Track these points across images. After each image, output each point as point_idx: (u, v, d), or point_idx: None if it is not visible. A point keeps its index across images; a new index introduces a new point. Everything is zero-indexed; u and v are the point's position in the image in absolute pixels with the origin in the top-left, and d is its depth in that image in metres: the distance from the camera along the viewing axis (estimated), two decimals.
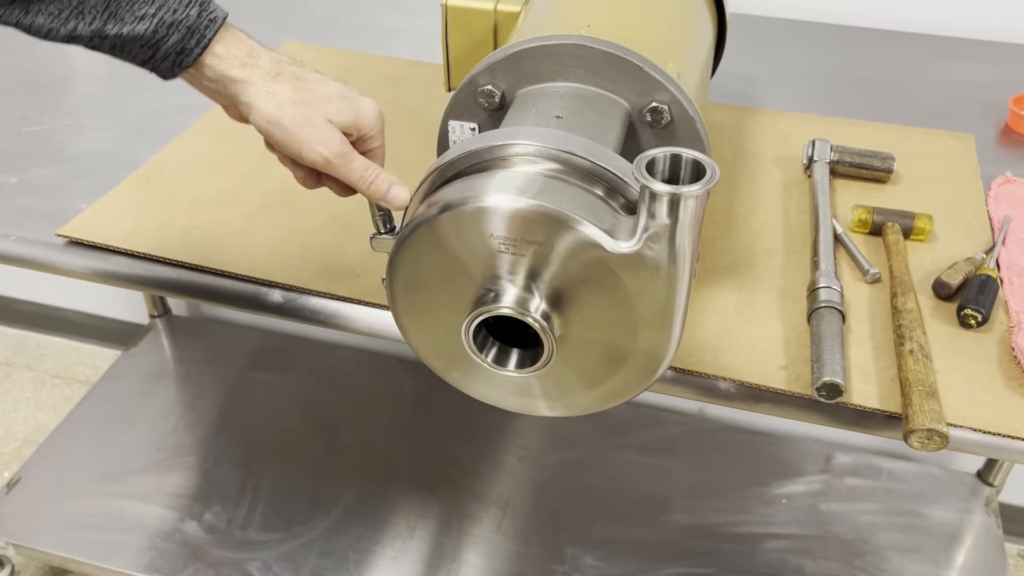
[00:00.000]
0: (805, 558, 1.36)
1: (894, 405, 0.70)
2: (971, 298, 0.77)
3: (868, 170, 0.95)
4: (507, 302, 0.59)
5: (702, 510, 1.44)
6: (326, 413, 1.61)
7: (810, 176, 0.95)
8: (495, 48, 0.82)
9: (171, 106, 1.06)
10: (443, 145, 0.77)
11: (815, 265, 0.82)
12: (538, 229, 0.57)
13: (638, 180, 0.52)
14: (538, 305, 0.59)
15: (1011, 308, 0.78)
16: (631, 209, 0.59)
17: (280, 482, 1.48)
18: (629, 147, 0.71)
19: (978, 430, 0.68)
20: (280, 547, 1.38)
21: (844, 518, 1.42)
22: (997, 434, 0.68)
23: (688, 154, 0.54)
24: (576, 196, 0.57)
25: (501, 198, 0.57)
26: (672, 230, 0.53)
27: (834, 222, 0.87)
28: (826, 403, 0.70)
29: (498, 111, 0.73)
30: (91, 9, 0.60)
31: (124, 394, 1.65)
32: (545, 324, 0.59)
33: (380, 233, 0.70)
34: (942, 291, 0.80)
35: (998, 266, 0.83)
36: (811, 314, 0.76)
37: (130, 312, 1.94)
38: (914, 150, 1.00)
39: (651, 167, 0.53)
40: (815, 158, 0.95)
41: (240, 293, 0.82)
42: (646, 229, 0.54)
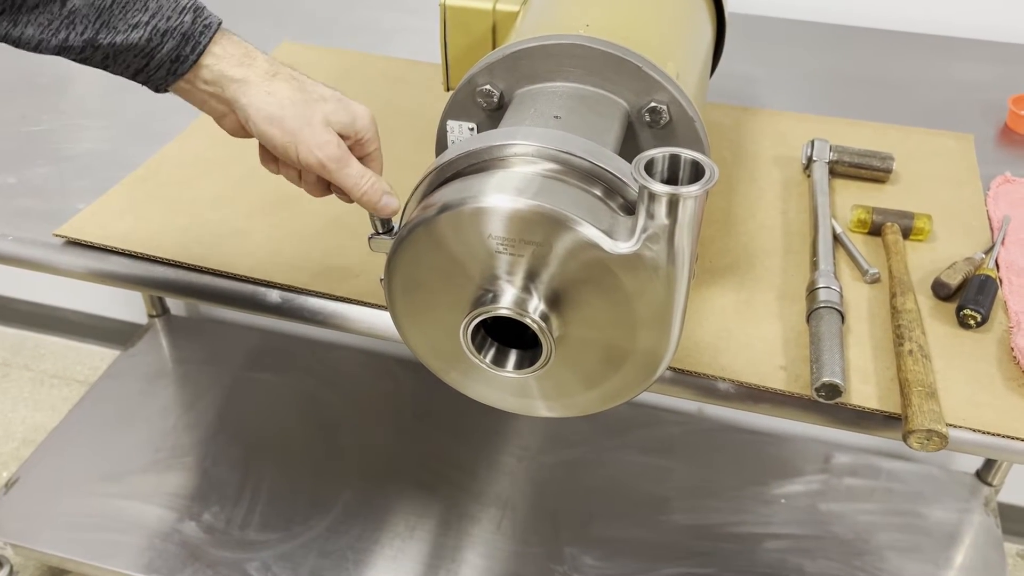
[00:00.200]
0: (804, 558, 1.36)
1: (893, 405, 0.69)
2: (970, 298, 0.77)
3: (867, 170, 0.95)
4: (505, 303, 0.59)
5: (701, 510, 1.43)
6: (325, 413, 1.60)
7: (809, 176, 0.95)
8: (494, 48, 0.82)
9: (169, 106, 1.04)
10: (441, 145, 0.77)
11: (814, 265, 0.82)
12: (536, 229, 0.56)
13: (637, 180, 0.52)
14: (536, 306, 0.59)
15: (1010, 308, 0.78)
16: (630, 209, 0.59)
17: (279, 482, 1.48)
18: (628, 147, 0.71)
19: (977, 430, 0.68)
20: (279, 547, 1.38)
21: (843, 518, 1.42)
22: (996, 434, 0.68)
23: (687, 154, 0.54)
24: (575, 196, 0.57)
25: (499, 198, 0.57)
26: (671, 230, 0.53)
27: (833, 222, 0.87)
28: (825, 403, 0.70)
29: (496, 111, 0.73)
30: (83, 19, 0.58)
31: (123, 394, 1.65)
32: (543, 325, 0.59)
33: (378, 233, 0.70)
34: (941, 291, 0.80)
35: (997, 266, 0.83)
36: (810, 314, 0.76)
37: (128, 312, 1.94)
38: (913, 150, 1.00)
39: (650, 167, 0.53)
40: (814, 158, 0.95)
41: (239, 293, 0.82)
42: (645, 229, 0.54)
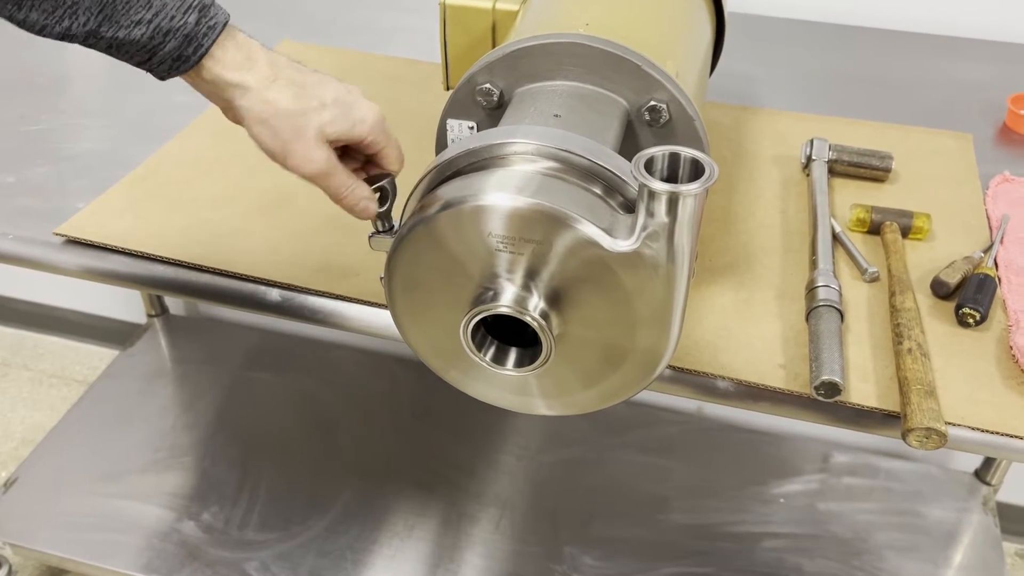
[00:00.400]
0: (803, 557, 1.36)
1: (892, 404, 0.70)
2: (969, 297, 0.77)
3: (866, 169, 0.95)
4: (505, 301, 0.59)
5: (700, 509, 1.43)
6: (324, 412, 1.60)
7: (808, 175, 0.95)
8: (493, 47, 0.81)
9: (169, 105, 1.05)
10: (441, 144, 0.77)
11: (813, 264, 0.82)
12: (536, 228, 0.57)
13: (636, 179, 0.52)
14: (536, 304, 0.59)
15: (1009, 307, 0.78)
16: (630, 208, 0.59)
17: (278, 482, 1.47)
18: (628, 146, 0.71)
19: (976, 429, 0.68)
20: (278, 547, 1.38)
21: (842, 517, 1.42)
22: (995, 433, 0.68)
23: (687, 153, 0.54)
24: (574, 195, 0.57)
25: (499, 196, 0.57)
26: (671, 229, 0.53)
27: (832, 221, 0.87)
28: (824, 402, 0.70)
29: (496, 110, 0.73)
30: (85, 10, 0.58)
31: (122, 394, 1.64)
32: (543, 323, 0.59)
33: (378, 232, 0.70)
34: (940, 290, 0.80)
35: (996, 265, 0.83)
36: (809, 313, 0.76)
37: (128, 311, 1.94)
38: (912, 149, 1.00)
39: (649, 166, 0.53)
40: (813, 157, 0.95)
41: (238, 292, 0.82)
42: (644, 228, 0.54)
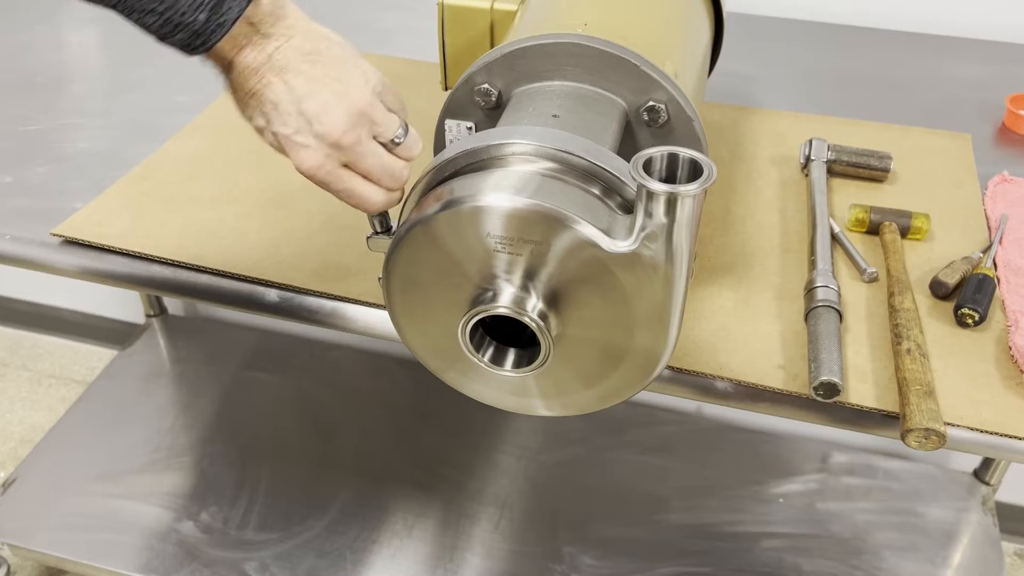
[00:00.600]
0: (802, 557, 1.36)
1: (891, 404, 0.69)
2: (968, 297, 0.77)
3: (865, 169, 0.95)
4: (504, 301, 0.59)
5: (699, 509, 1.44)
6: (323, 413, 1.60)
7: (807, 175, 0.95)
8: (492, 47, 0.81)
9: (167, 105, 1.05)
10: (439, 144, 0.77)
11: (812, 264, 0.82)
12: (535, 228, 0.56)
13: (635, 179, 0.52)
14: (535, 304, 0.59)
15: (1008, 307, 0.78)
16: (628, 208, 0.59)
17: (277, 482, 1.47)
18: (626, 146, 0.71)
19: (975, 429, 0.68)
20: (277, 547, 1.38)
21: (841, 517, 1.42)
22: (994, 433, 0.68)
23: (685, 153, 0.54)
24: (573, 195, 0.57)
25: (498, 197, 0.56)
26: (669, 229, 0.53)
27: (831, 221, 0.87)
28: (823, 402, 0.70)
29: (495, 110, 0.73)
30: None
31: (120, 394, 1.64)
32: (542, 323, 0.59)
33: (377, 233, 0.70)
34: (939, 290, 0.80)
35: (995, 265, 0.83)
36: (808, 313, 0.76)
37: (126, 312, 1.94)
38: (911, 149, 1.00)
39: (648, 166, 0.53)
40: (812, 157, 0.95)
41: (236, 292, 0.82)
42: (643, 228, 0.54)
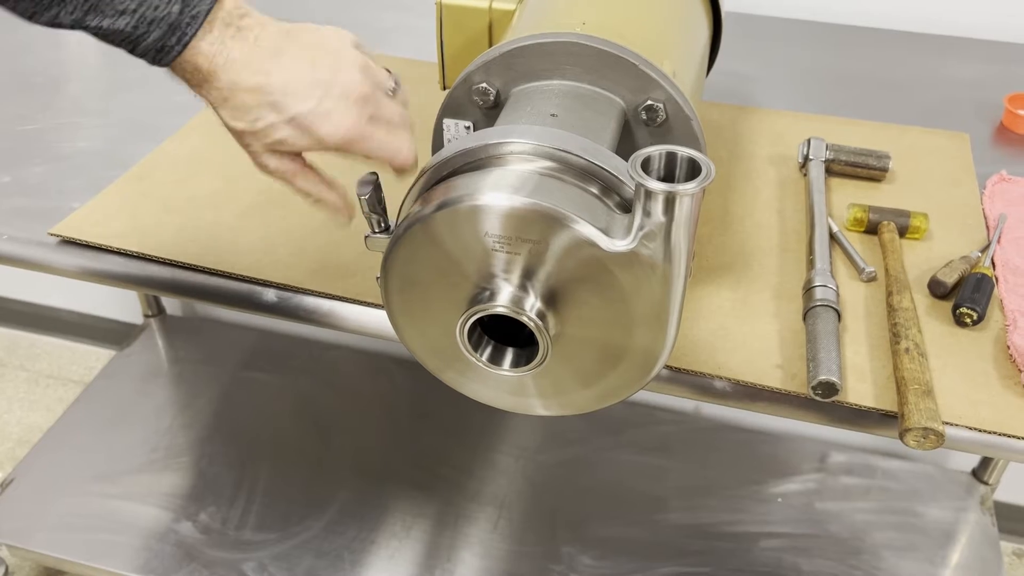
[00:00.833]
0: (801, 557, 1.36)
1: (890, 404, 0.69)
2: (966, 296, 0.77)
3: (864, 169, 0.95)
4: (502, 301, 0.59)
5: (698, 509, 1.44)
6: (321, 413, 1.60)
7: (806, 175, 0.95)
8: (490, 46, 0.81)
9: (165, 105, 1.05)
10: (437, 143, 0.77)
11: (811, 263, 0.82)
12: (533, 227, 0.56)
13: (633, 178, 0.52)
14: (533, 304, 0.59)
15: (1006, 306, 0.78)
16: (626, 207, 0.58)
17: (275, 482, 1.47)
18: (624, 145, 0.70)
19: (974, 428, 0.68)
20: (275, 547, 1.38)
21: (839, 517, 1.42)
22: (993, 432, 0.68)
23: (684, 152, 0.54)
24: (571, 194, 0.57)
25: (496, 196, 0.56)
26: (667, 228, 0.53)
27: (830, 220, 0.87)
28: (822, 402, 0.70)
29: (493, 109, 0.73)
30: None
31: (118, 394, 1.64)
32: (540, 323, 0.59)
33: (375, 232, 0.70)
34: (938, 289, 0.80)
35: (993, 264, 0.83)
36: (807, 313, 0.76)
37: (124, 312, 1.94)
38: (909, 149, 1.00)
39: (646, 165, 0.53)
40: (811, 156, 0.95)
41: (234, 292, 0.82)
42: (641, 227, 0.54)
